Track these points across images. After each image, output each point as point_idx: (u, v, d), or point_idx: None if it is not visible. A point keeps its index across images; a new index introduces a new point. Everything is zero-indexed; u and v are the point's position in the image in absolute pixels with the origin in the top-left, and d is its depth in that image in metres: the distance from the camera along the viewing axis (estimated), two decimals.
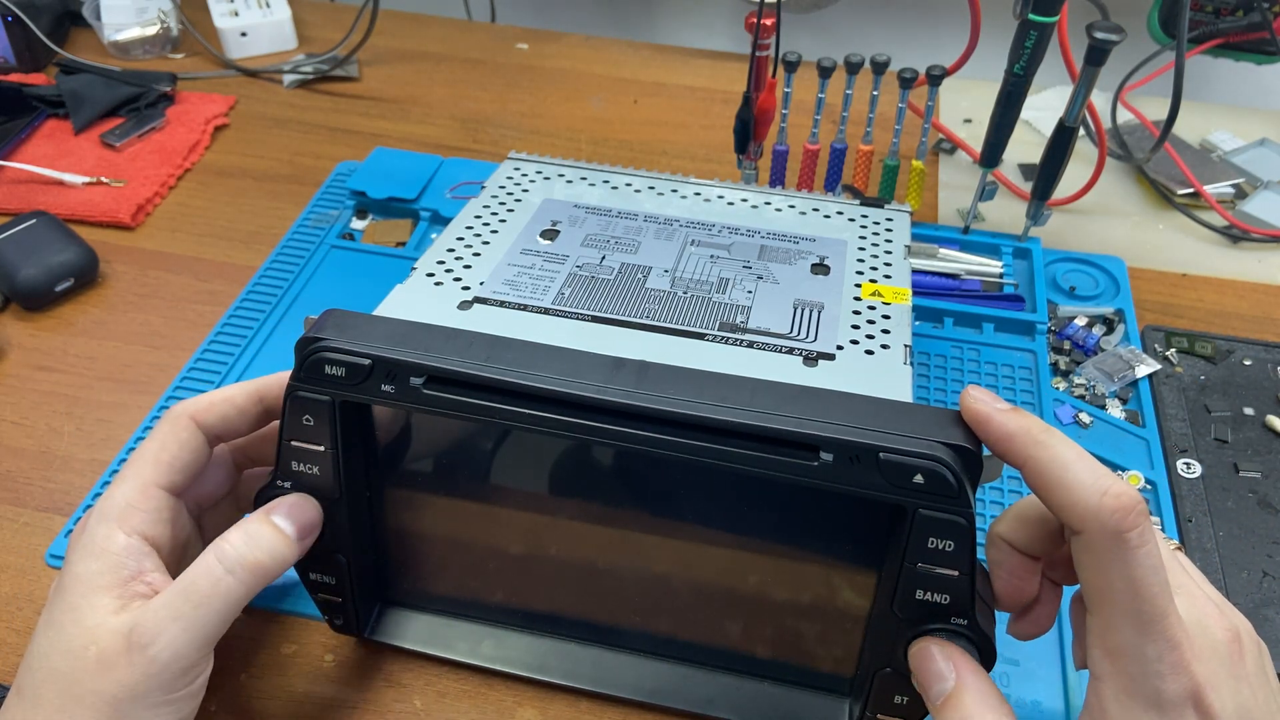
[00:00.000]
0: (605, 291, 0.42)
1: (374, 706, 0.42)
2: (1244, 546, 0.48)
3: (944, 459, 0.31)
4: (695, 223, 0.48)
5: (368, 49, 0.84)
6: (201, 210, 0.69)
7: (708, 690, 0.41)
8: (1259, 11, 0.69)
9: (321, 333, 0.35)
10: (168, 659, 0.33)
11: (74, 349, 0.59)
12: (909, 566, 0.33)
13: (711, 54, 0.88)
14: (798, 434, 0.32)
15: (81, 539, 0.36)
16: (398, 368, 0.34)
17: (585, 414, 0.33)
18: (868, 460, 0.32)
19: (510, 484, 0.39)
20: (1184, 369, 0.57)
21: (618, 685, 0.42)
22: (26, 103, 0.76)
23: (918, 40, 0.96)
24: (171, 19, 0.85)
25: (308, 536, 0.37)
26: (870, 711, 0.37)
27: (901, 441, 0.32)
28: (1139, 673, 0.30)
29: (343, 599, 0.41)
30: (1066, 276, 0.63)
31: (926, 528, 0.32)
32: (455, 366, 0.34)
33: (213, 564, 0.35)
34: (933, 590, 0.33)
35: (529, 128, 0.79)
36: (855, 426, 0.32)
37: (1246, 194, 0.71)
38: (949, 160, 0.75)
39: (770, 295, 0.42)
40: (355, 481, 0.38)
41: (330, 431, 0.36)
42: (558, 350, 0.35)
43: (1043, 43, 0.54)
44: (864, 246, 0.47)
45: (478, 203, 0.49)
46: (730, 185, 0.52)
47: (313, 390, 0.35)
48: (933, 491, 0.31)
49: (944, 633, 0.34)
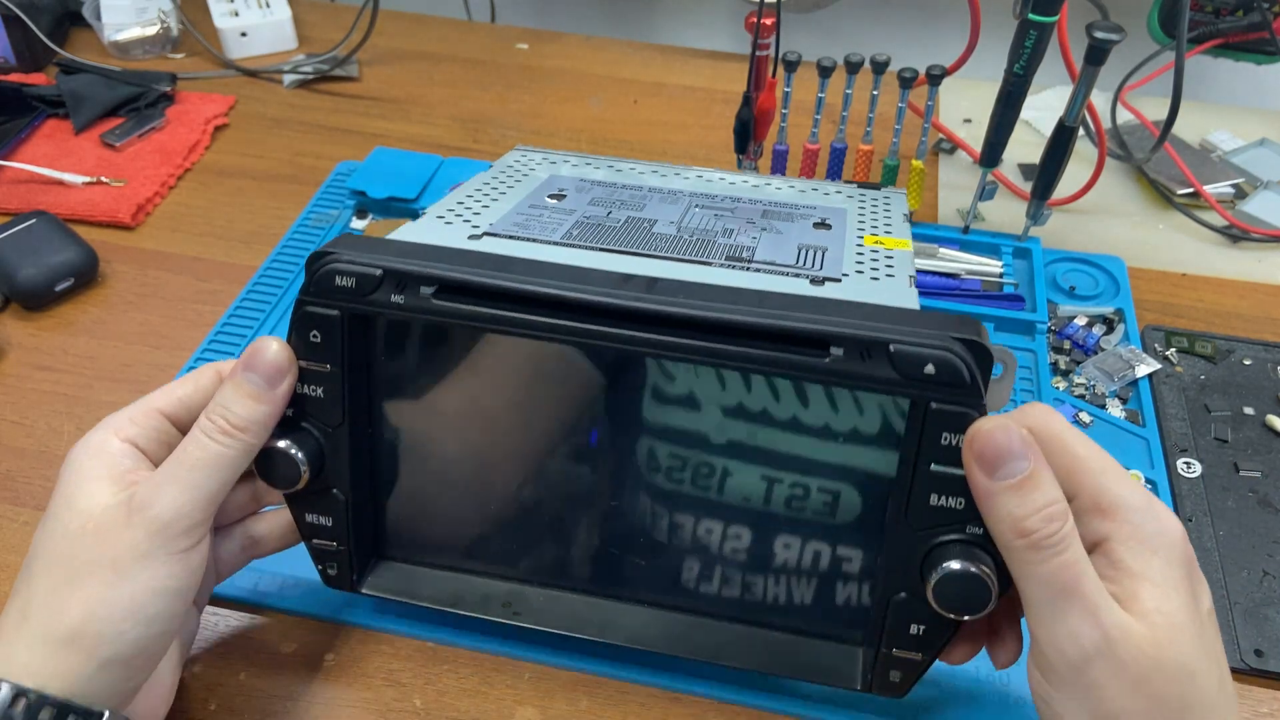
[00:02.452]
0: (612, 234, 0.42)
1: (374, 706, 0.42)
2: (1244, 546, 0.48)
3: (955, 349, 0.31)
4: (699, 194, 0.48)
5: (368, 49, 0.84)
6: (201, 210, 0.69)
7: (717, 639, 0.40)
8: (1259, 11, 0.69)
9: (333, 248, 0.35)
10: (170, 517, 0.34)
11: (74, 349, 0.59)
12: (922, 468, 0.33)
13: (711, 54, 0.89)
14: (808, 330, 0.32)
15: (77, 445, 0.36)
16: (408, 278, 0.34)
17: (596, 319, 0.33)
18: (878, 354, 0.32)
19: (516, 416, 0.38)
20: (1184, 369, 0.57)
21: (622, 635, 0.40)
22: (26, 103, 0.76)
23: (918, 40, 0.96)
24: (171, 19, 0.85)
25: (279, 381, 0.36)
26: (886, 647, 0.36)
27: (912, 335, 0.31)
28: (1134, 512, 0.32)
29: (338, 543, 0.40)
30: (1066, 276, 0.63)
31: (939, 422, 0.32)
32: (465, 276, 0.34)
33: (199, 435, 0.35)
34: (946, 494, 0.33)
35: (529, 128, 0.79)
36: (865, 323, 0.32)
37: (1246, 194, 0.71)
38: (949, 160, 0.75)
39: (774, 240, 0.42)
40: (359, 408, 0.37)
41: (338, 349, 0.36)
42: (566, 266, 0.35)
43: (1043, 43, 0.54)
44: (864, 213, 0.47)
45: (485, 175, 0.49)
46: (731, 171, 0.52)
47: (322, 304, 0.35)
48: (945, 383, 0.31)
49: (959, 544, 0.34)
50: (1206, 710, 0.31)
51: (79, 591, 0.33)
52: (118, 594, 0.33)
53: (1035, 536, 0.31)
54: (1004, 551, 0.32)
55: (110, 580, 0.33)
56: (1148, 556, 0.31)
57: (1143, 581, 0.31)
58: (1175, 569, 0.31)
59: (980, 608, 0.33)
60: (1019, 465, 0.31)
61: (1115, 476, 0.32)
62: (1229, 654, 0.41)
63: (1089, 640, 0.30)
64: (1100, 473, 0.32)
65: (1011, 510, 0.31)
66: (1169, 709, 0.30)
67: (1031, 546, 0.31)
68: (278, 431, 0.37)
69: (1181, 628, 0.30)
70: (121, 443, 0.36)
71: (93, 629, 0.32)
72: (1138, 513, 0.31)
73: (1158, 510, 0.32)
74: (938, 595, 0.33)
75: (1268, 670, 0.43)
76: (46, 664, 0.32)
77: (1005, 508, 0.31)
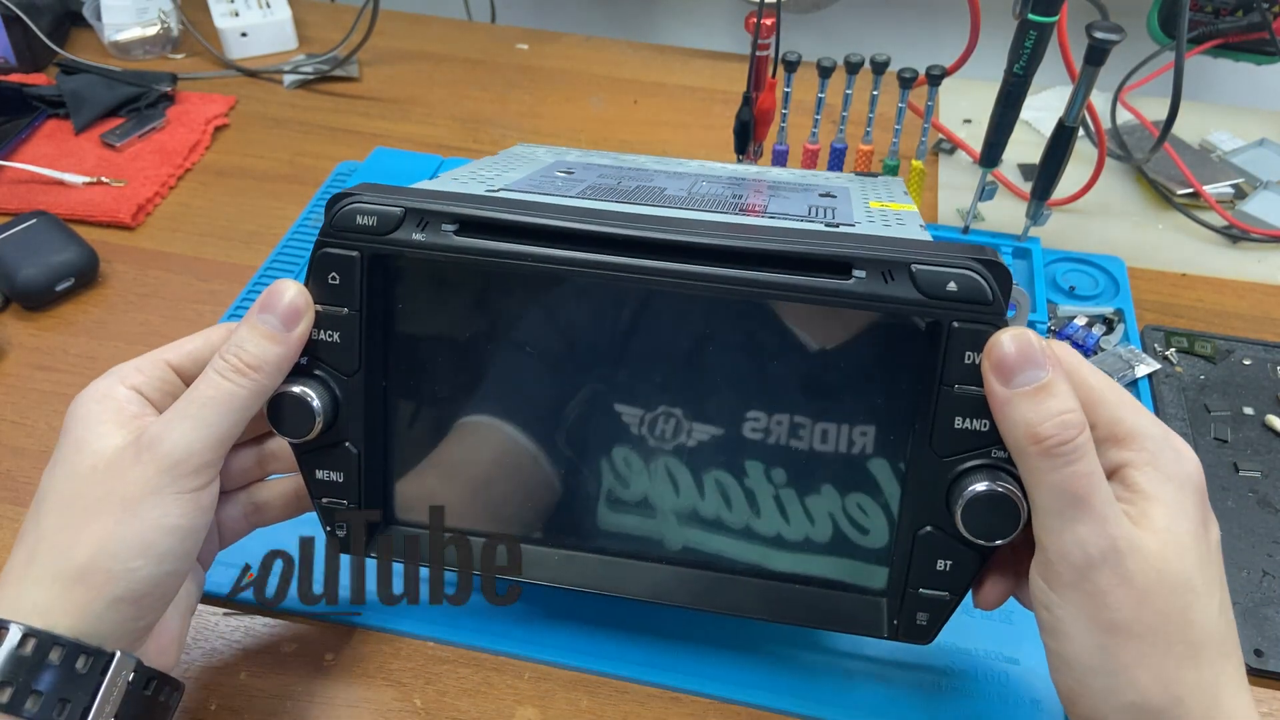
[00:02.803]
0: (624, 195, 0.42)
1: (374, 706, 0.42)
2: (1244, 546, 0.48)
3: (976, 269, 0.32)
4: (704, 175, 0.48)
5: (368, 49, 0.84)
6: (202, 210, 0.70)
7: (738, 593, 0.39)
8: (1259, 11, 0.69)
9: (353, 191, 0.35)
10: (180, 454, 0.33)
11: (74, 349, 0.59)
12: (946, 389, 0.33)
13: (711, 54, 0.89)
14: (831, 254, 0.32)
15: (82, 393, 0.36)
16: (430, 215, 0.34)
17: (620, 250, 0.33)
18: (900, 274, 0.32)
19: (532, 364, 0.38)
20: (1184, 369, 0.57)
21: (639, 591, 0.39)
22: (27, 103, 0.76)
23: (918, 40, 0.96)
24: (172, 19, 0.85)
25: (295, 323, 0.36)
26: (913, 586, 0.36)
27: (933, 256, 0.32)
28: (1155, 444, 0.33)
29: (348, 501, 0.39)
30: (1066, 276, 0.63)
31: (963, 341, 0.32)
32: (487, 212, 0.34)
33: (211, 374, 0.35)
34: (971, 416, 0.33)
35: (529, 128, 0.79)
36: (886, 247, 0.32)
37: (1246, 194, 0.71)
38: (949, 160, 0.75)
39: (784, 202, 0.43)
40: (375, 355, 0.37)
41: (356, 291, 0.36)
42: (587, 208, 0.35)
43: (1042, 43, 0.54)
44: (866, 191, 0.47)
45: (490, 158, 0.49)
46: (733, 164, 0.52)
47: (341, 244, 0.35)
48: (967, 300, 0.32)
49: (985, 469, 0.33)
50: (1206, 630, 0.31)
51: (89, 528, 0.33)
52: (128, 530, 0.33)
53: (1049, 443, 0.31)
54: (1017, 459, 0.32)
55: (120, 517, 0.33)
56: (1162, 482, 0.31)
57: (1155, 503, 0.31)
58: (1188, 496, 0.32)
59: (1010, 530, 0.33)
60: (1036, 374, 0.31)
61: (1132, 408, 0.32)
62: None
63: (1096, 548, 0.31)
64: (1117, 404, 0.32)
65: (1026, 415, 0.31)
66: (1170, 624, 0.31)
67: (1045, 453, 0.31)
68: (291, 377, 0.36)
69: (1188, 549, 0.31)
70: (128, 390, 0.36)
71: (103, 565, 0.32)
72: (1154, 440, 0.32)
73: (1174, 441, 0.32)
74: (966, 520, 0.33)
75: (1267, 670, 0.44)
76: (56, 602, 0.32)
77: (1020, 413, 0.31)
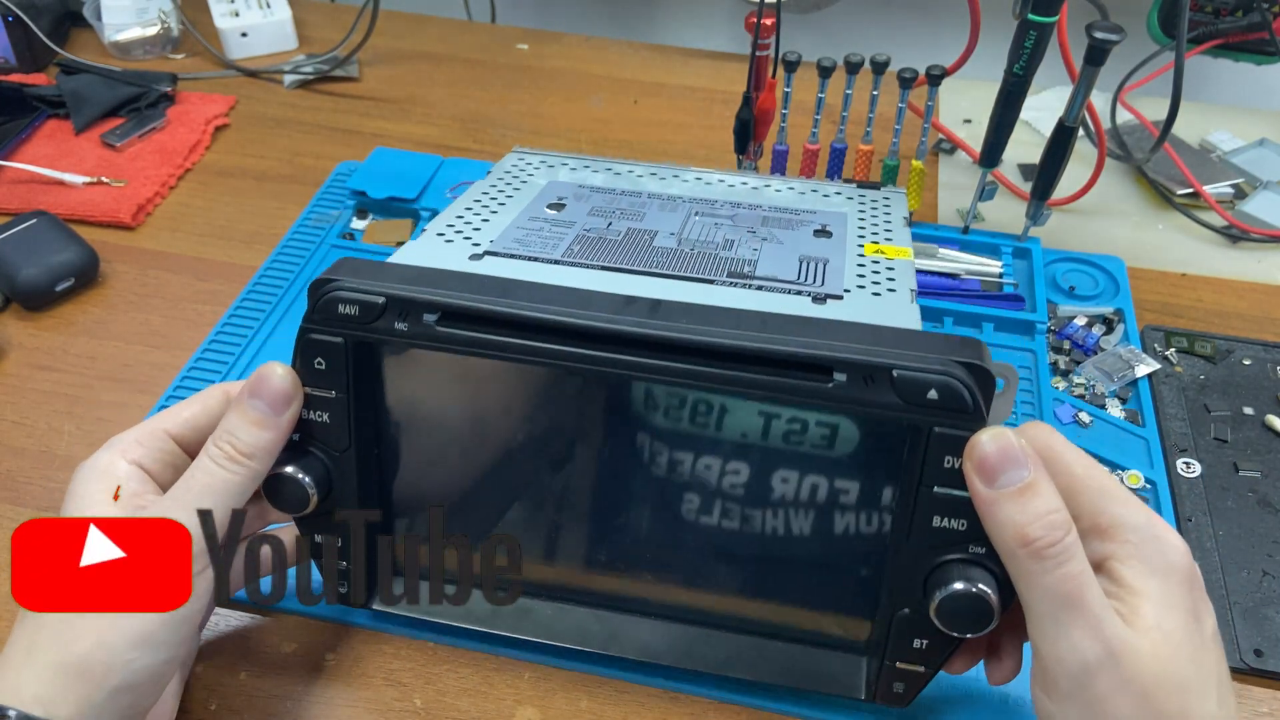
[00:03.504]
0: (613, 249, 0.41)
1: (374, 706, 0.42)
2: (1244, 546, 0.48)
3: (958, 374, 0.31)
4: (698, 199, 0.48)
5: (368, 49, 0.84)
6: (202, 210, 0.70)
7: (724, 651, 0.40)
8: (1259, 11, 0.69)
9: (335, 275, 0.35)
10: None
11: (74, 349, 0.59)
12: (925, 490, 0.33)
13: (711, 54, 0.89)
14: (811, 355, 0.32)
15: (84, 465, 0.36)
16: (411, 305, 0.34)
17: (600, 345, 0.33)
18: (881, 379, 0.32)
19: (520, 437, 0.38)
20: (1184, 369, 0.57)
21: (629, 648, 0.41)
22: (27, 103, 0.76)
23: (918, 40, 0.96)
24: (172, 19, 0.85)
25: (284, 408, 0.36)
26: (890, 659, 0.37)
27: (914, 360, 0.32)
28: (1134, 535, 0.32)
29: (348, 563, 0.40)
30: (1066, 276, 0.63)
31: (942, 446, 0.32)
32: (468, 302, 0.34)
33: (205, 461, 0.35)
34: (949, 515, 0.33)
35: (529, 128, 0.79)
36: (867, 347, 0.32)
37: (1246, 194, 0.71)
38: (949, 160, 0.75)
39: (776, 252, 0.42)
40: (365, 432, 0.37)
41: (343, 375, 0.36)
42: (569, 290, 0.35)
43: (1042, 43, 0.54)
44: (864, 217, 0.47)
45: (484, 183, 0.49)
46: (731, 172, 0.52)
47: (325, 331, 0.35)
48: (947, 408, 0.31)
49: (962, 562, 0.34)
50: None
51: (88, 620, 0.33)
52: (127, 622, 0.33)
53: (1038, 545, 0.31)
54: (1007, 561, 0.32)
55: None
56: (1148, 575, 0.31)
57: (1144, 599, 0.31)
58: (1176, 588, 0.31)
59: (982, 626, 0.34)
60: (1019, 474, 0.31)
61: (1116, 496, 0.32)
62: (1229, 654, 0.41)
63: (1091, 653, 0.30)
64: (1100, 493, 0.32)
65: (1013, 517, 0.31)
66: None
67: (1034, 556, 0.31)
68: (285, 456, 0.37)
69: (1181, 645, 0.30)
70: (129, 465, 0.36)
71: (101, 658, 0.32)
72: (1137, 532, 0.31)
73: (1159, 530, 0.32)
74: (940, 614, 0.34)
75: (1267, 670, 0.43)
76: (57, 694, 0.32)
77: (1007, 515, 0.31)
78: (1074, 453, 0.33)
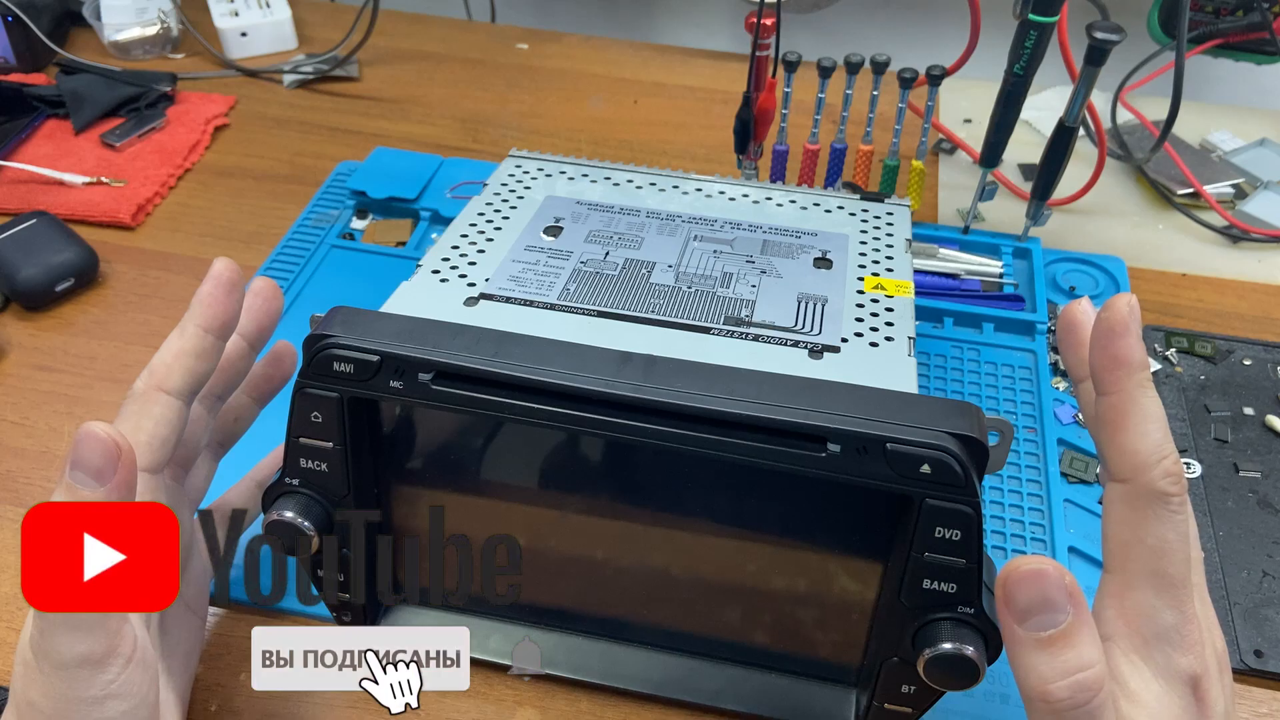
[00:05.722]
0: (610, 287, 0.42)
1: (374, 706, 0.42)
2: (1244, 546, 0.48)
3: (950, 449, 0.31)
4: (697, 219, 0.48)
5: (368, 49, 0.84)
6: (202, 210, 0.69)
7: (715, 682, 0.41)
8: (1259, 11, 0.69)
9: (329, 329, 0.35)
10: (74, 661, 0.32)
11: (74, 349, 0.59)
12: (916, 556, 0.33)
13: (711, 54, 0.89)
14: (806, 425, 0.32)
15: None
16: (406, 364, 0.34)
17: (593, 408, 0.33)
18: (875, 451, 0.32)
19: (517, 480, 0.39)
20: (1184, 369, 0.57)
21: (625, 678, 0.41)
22: (27, 103, 0.76)
23: (918, 40, 0.96)
24: (171, 19, 0.85)
25: (110, 475, 0.31)
26: (878, 701, 0.37)
27: (908, 432, 0.32)
28: (1153, 636, 0.30)
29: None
30: (1066, 276, 0.63)
31: (934, 517, 0.32)
32: (463, 362, 0.34)
33: None
34: (939, 580, 0.33)
35: (529, 128, 0.79)
36: (862, 418, 0.32)
37: (1246, 194, 0.71)
38: (949, 160, 0.75)
39: (774, 289, 0.42)
40: (364, 479, 0.38)
41: (339, 428, 0.36)
42: (565, 345, 0.35)
43: (1043, 43, 0.54)
44: (865, 240, 0.47)
45: (480, 200, 0.49)
46: (731, 181, 0.52)
47: (321, 386, 0.35)
48: (939, 481, 0.32)
49: (951, 621, 0.34)
50: None
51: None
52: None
53: (1060, 705, 0.27)
54: (1026, 705, 0.29)
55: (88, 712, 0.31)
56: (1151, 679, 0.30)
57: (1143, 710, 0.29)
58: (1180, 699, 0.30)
59: (969, 685, 0.34)
60: (1054, 617, 0.27)
61: (1167, 586, 0.29)
62: (1229, 654, 0.41)
63: None
64: (1152, 575, 0.30)
65: (1039, 668, 0.27)
66: None
67: (1054, 714, 0.27)
68: (285, 501, 0.37)
69: None
70: None
71: None
72: (1162, 645, 0.30)
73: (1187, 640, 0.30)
74: (928, 671, 0.34)
75: (1267, 670, 0.44)
76: None
77: (1031, 663, 0.28)
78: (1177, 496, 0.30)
